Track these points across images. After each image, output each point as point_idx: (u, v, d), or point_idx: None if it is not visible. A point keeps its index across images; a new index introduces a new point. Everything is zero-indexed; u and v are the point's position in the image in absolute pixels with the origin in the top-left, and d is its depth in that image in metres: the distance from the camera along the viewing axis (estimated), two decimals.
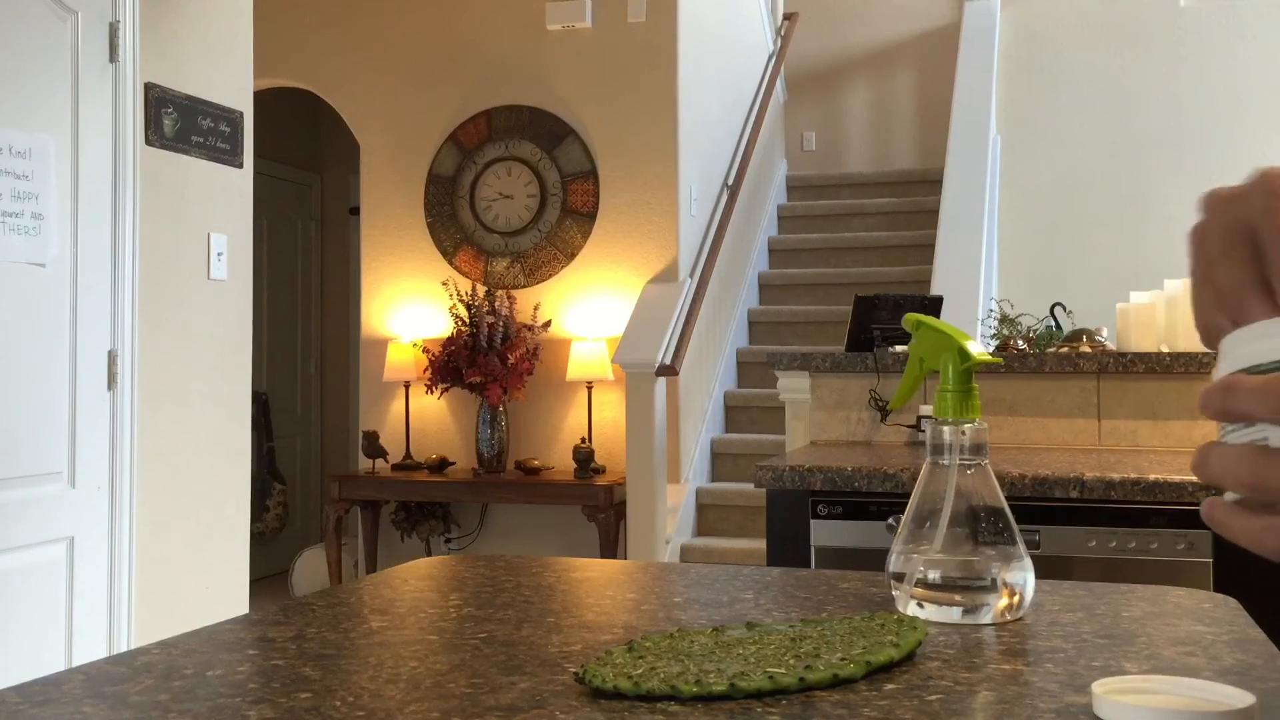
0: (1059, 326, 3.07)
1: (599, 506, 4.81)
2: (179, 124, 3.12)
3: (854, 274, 6.26)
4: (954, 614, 0.85)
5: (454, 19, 5.67)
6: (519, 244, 5.53)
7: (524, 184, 5.54)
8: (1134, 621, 0.86)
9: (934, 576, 0.86)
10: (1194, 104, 6.63)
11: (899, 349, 2.87)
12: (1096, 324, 3.10)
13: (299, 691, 0.68)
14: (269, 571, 6.15)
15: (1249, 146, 6.46)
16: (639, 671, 0.68)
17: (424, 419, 5.57)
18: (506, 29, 5.58)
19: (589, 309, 5.37)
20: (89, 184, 2.87)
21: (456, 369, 5.11)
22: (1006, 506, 0.87)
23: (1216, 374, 0.49)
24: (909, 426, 2.77)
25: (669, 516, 4.81)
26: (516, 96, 5.58)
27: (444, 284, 5.52)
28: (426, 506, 5.43)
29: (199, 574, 3.20)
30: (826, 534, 2.19)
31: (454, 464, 5.41)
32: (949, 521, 0.85)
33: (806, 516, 2.20)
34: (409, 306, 5.64)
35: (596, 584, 1.03)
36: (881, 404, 2.80)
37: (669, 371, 4.72)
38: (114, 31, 2.93)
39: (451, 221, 5.63)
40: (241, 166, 3.36)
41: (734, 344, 5.93)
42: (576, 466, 5.03)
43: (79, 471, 2.84)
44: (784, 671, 0.67)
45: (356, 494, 5.32)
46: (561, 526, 5.33)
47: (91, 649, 2.84)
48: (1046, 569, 0.97)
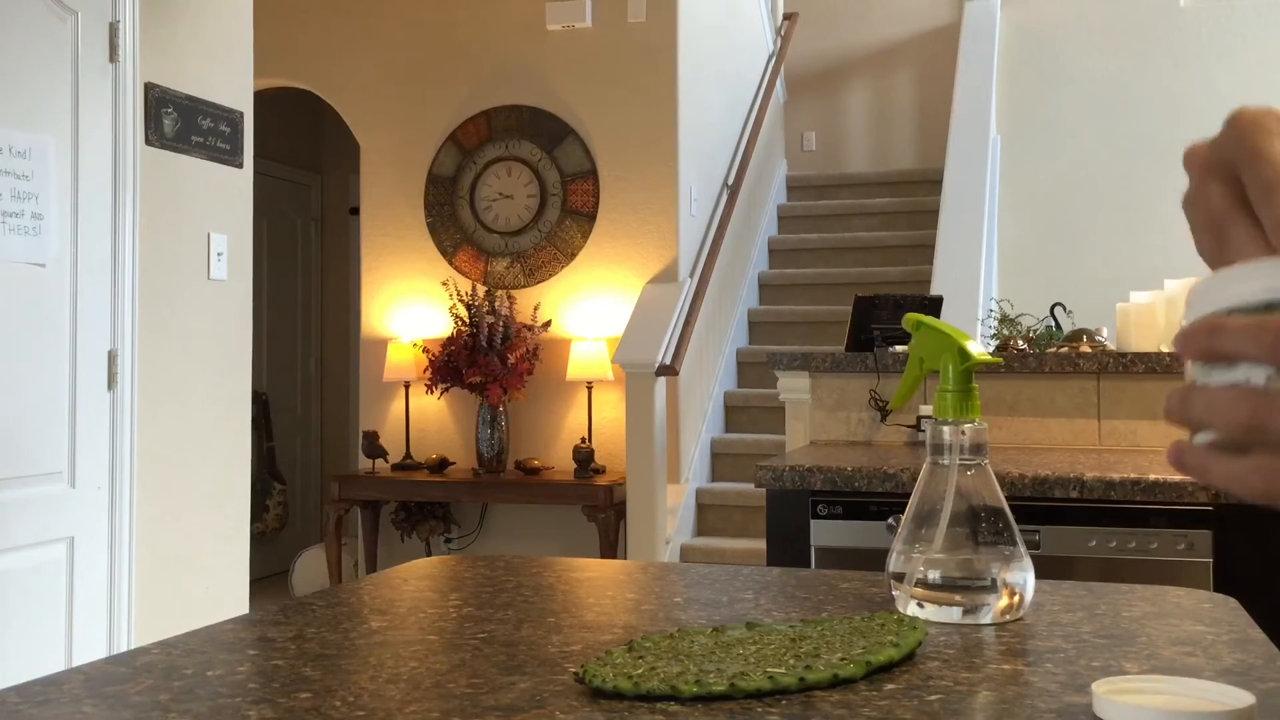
0: (1059, 326, 3.07)
1: (599, 506, 4.81)
2: (179, 124, 3.12)
3: (854, 274, 6.26)
4: (954, 614, 0.85)
5: (454, 19, 5.67)
6: (519, 244, 5.53)
7: (524, 184, 5.54)
8: (1134, 621, 0.86)
9: (934, 576, 0.86)
10: (1194, 104, 6.63)
11: (899, 349, 2.87)
12: (1096, 324, 3.10)
13: (299, 691, 0.68)
14: (269, 571, 6.15)
15: None
16: (639, 671, 0.68)
17: (424, 419, 5.57)
18: (506, 29, 5.58)
19: (589, 309, 5.37)
20: (89, 184, 2.87)
21: (456, 369, 5.11)
22: (1006, 506, 0.87)
23: (1191, 313, 0.48)
24: (909, 426, 2.77)
25: (669, 516, 4.81)
26: (516, 96, 5.57)
27: (444, 284, 5.52)
28: (426, 506, 5.43)
29: (199, 574, 3.20)
30: (826, 534, 2.19)
31: (454, 464, 5.41)
32: (949, 521, 0.85)
33: (806, 516, 2.20)
34: (409, 306, 5.64)
35: (596, 584, 1.03)
36: (881, 404, 2.80)
37: (669, 371, 4.72)
38: (114, 31, 2.93)
39: (451, 221, 5.63)
40: (241, 166, 3.36)
41: (734, 344, 5.93)
42: (576, 466, 5.03)
43: (79, 471, 2.84)
44: (784, 671, 0.67)
45: (356, 494, 5.32)
46: (561, 526, 5.33)
47: (91, 649, 2.84)
48: (1046, 569, 0.97)
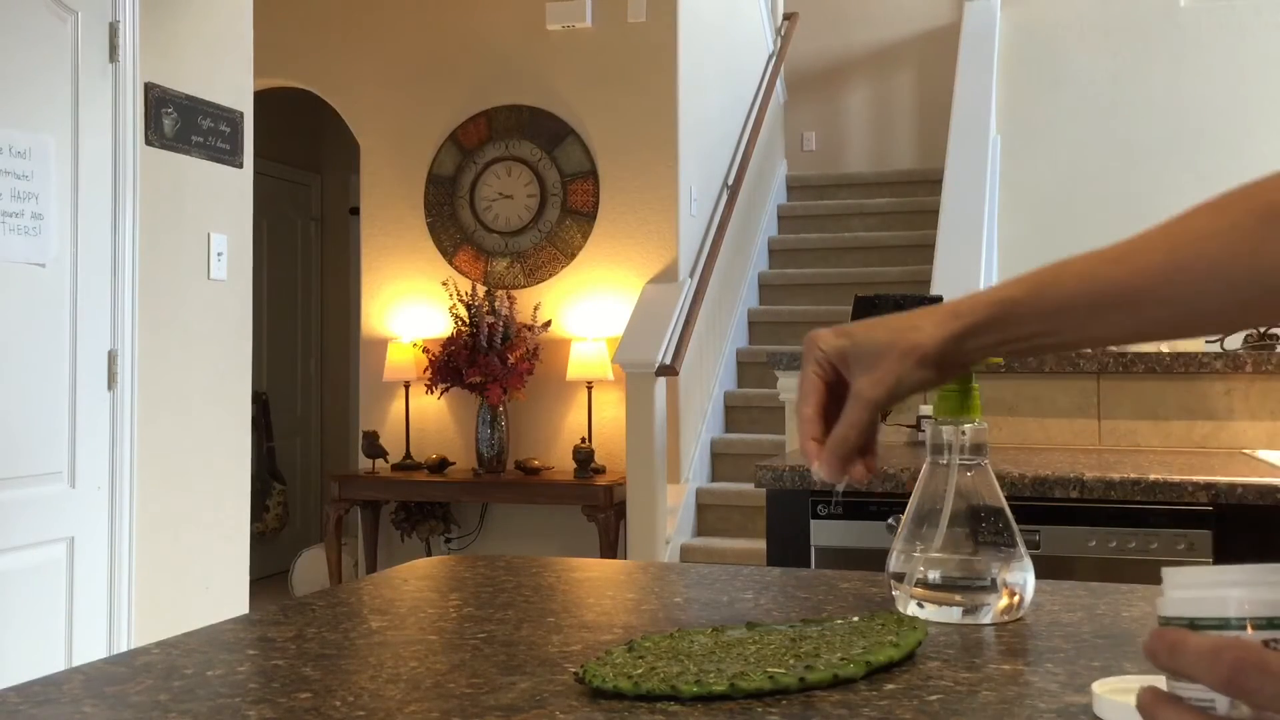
0: None
1: (599, 506, 4.81)
2: (179, 124, 3.12)
3: (854, 274, 6.26)
4: (954, 614, 0.85)
5: (454, 19, 5.67)
6: (519, 244, 5.53)
7: (524, 184, 5.54)
8: (1134, 621, 0.86)
9: (934, 576, 0.86)
10: (1194, 104, 6.63)
11: None
12: None
13: (299, 691, 0.68)
14: (269, 571, 6.15)
15: (1249, 146, 6.46)
16: (639, 671, 0.68)
17: (424, 419, 5.57)
18: (506, 29, 5.58)
19: (589, 309, 5.37)
20: (89, 184, 2.86)
21: (456, 369, 5.11)
22: (1006, 506, 0.87)
23: (1160, 603, 0.51)
24: (909, 426, 2.77)
25: (669, 516, 4.81)
26: (516, 96, 5.57)
27: (444, 284, 5.52)
28: (426, 506, 5.43)
29: (199, 574, 3.20)
30: (826, 534, 2.19)
31: (454, 464, 5.41)
32: (949, 521, 0.85)
33: (806, 516, 2.20)
34: (409, 306, 5.64)
35: (596, 584, 1.03)
36: None
37: (669, 371, 4.72)
38: (114, 31, 2.93)
39: (451, 221, 5.63)
40: (241, 166, 3.36)
41: (734, 344, 5.93)
42: (576, 466, 5.03)
43: (79, 471, 2.84)
44: (784, 671, 0.67)
45: (356, 494, 5.32)
46: (561, 526, 5.33)
47: (91, 649, 2.84)
48: (1046, 569, 0.97)
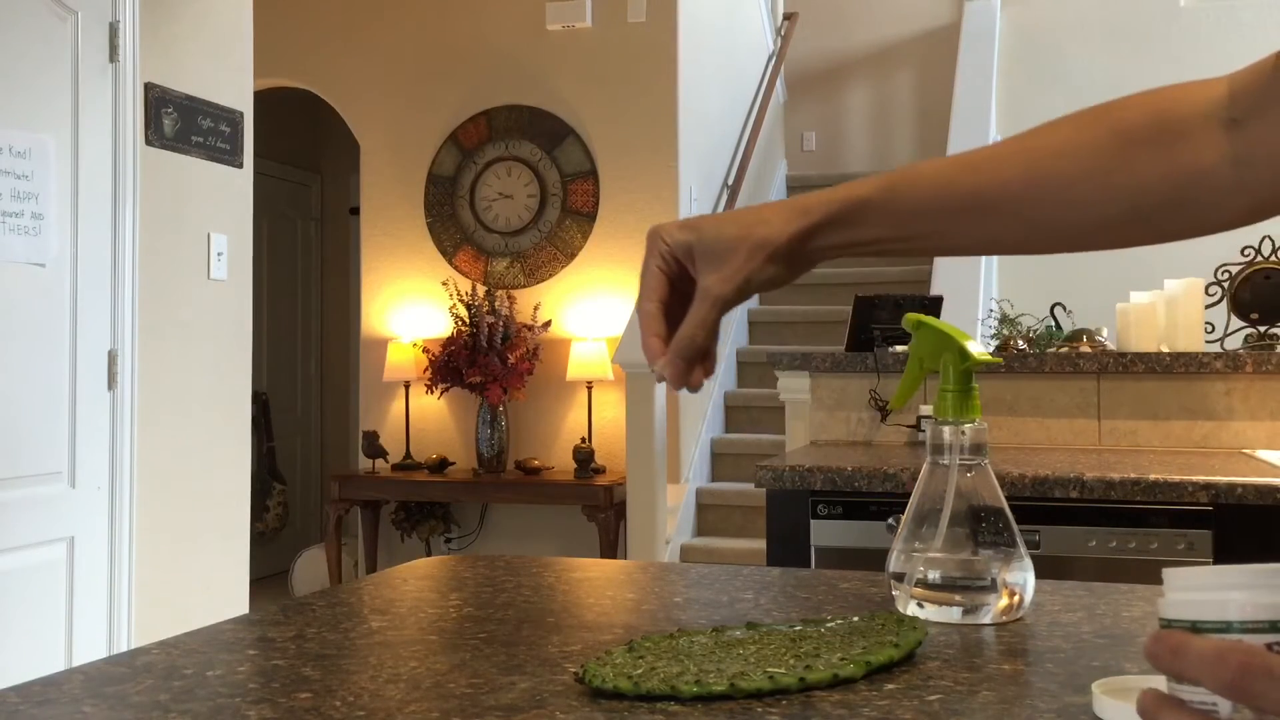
0: (1059, 326, 3.07)
1: (599, 506, 4.81)
2: (179, 124, 3.12)
3: (854, 274, 6.26)
4: (954, 614, 0.85)
5: (454, 19, 5.67)
6: (519, 244, 5.53)
7: (524, 184, 5.54)
8: (1134, 621, 0.86)
9: (934, 576, 0.86)
10: None
11: (899, 349, 2.87)
12: (1096, 324, 3.10)
13: (299, 691, 0.68)
14: (269, 571, 6.15)
15: None
16: (639, 671, 0.68)
17: (424, 419, 5.57)
18: (506, 29, 5.58)
19: (589, 309, 5.37)
20: (89, 184, 2.86)
21: (456, 369, 5.11)
22: (1007, 506, 0.87)
23: (1161, 604, 0.50)
24: (909, 426, 2.77)
25: (669, 516, 4.81)
26: (516, 96, 5.57)
27: (444, 284, 5.51)
28: (426, 506, 5.42)
29: (199, 574, 3.20)
30: (826, 534, 2.19)
31: (454, 464, 5.41)
32: (949, 521, 0.85)
33: (806, 516, 2.20)
34: (409, 306, 5.64)
35: (596, 584, 1.03)
36: (881, 404, 2.80)
37: None
38: (114, 31, 2.93)
39: (451, 221, 5.63)
40: (241, 166, 3.36)
41: (734, 344, 5.93)
42: (576, 466, 5.03)
43: (79, 471, 2.83)
44: (784, 671, 0.67)
45: (356, 494, 5.32)
46: (561, 526, 5.33)
47: (91, 649, 2.84)
48: (1046, 569, 0.97)
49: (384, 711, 0.64)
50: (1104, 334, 2.96)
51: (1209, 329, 3.00)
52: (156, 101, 3.05)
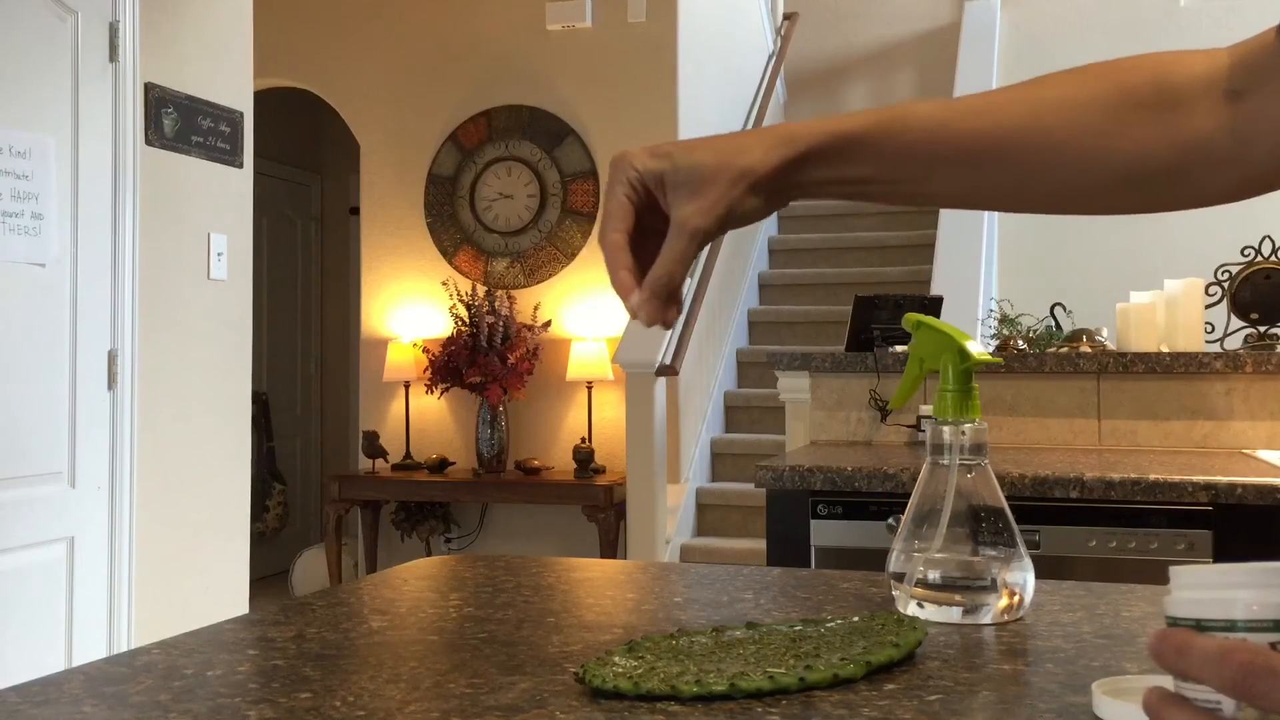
0: (1059, 326, 3.07)
1: (599, 506, 4.81)
2: (179, 124, 3.12)
3: (854, 274, 6.26)
4: (954, 614, 0.85)
5: (454, 19, 5.67)
6: (519, 244, 5.53)
7: (524, 184, 5.54)
8: (1134, 621, 0.86)
9: (934, 576, 0.86)
10: None
11: (899, 349, 2.87)
12: (1096, 324, 3.10)
13: (299, 691, 0.68)
14: (269, 571, 6.15)
15: None
16: (639, 671, 0.68)
17: (424, 419, 5.57)
18: (506, 29, 5.58)
19: (589, 309, 5.37)
20: (89, 184, 2.86)
21: (456, 369, 5.11)
22: (1007, 506, 0.87)
23: (1167, 601, 0.50)
24: (909, 426, 2.77)
25: (669, 516, 4.81)
26: (516, 96, 5.57)
27: (444, 284, 5.52)
28: (426, 506, 5.43)
29: (199, 574, 3.20)
30: (826, 534, 2.19)
31: (454, 464, 5.41)
32: (949, 521, 0.85)
33: (806, 516, 2.20)
34: (409, 306, 5.64)
35: (596, 584, 1.03)
36: (881, 404, 2.80)
37: (669, 371, 4.72)
38: (114, 31, 2.93)
39: (451, 221, 5.63)
40: (241, 166, 3.36)
41: (734, 344, 5.93)
42: (576, 466, 5.03)
43: (79, 471, 2.83)
44: (784, 671, 0.67)
45: (356, 494, 5.32)
46: (561, 526, 5.33)
47: (91, 649, 2.84)
48: (1046, 569, 0.97)
49: (384, 711, 0.64)
50: (1104, 334, 2.96)
51: (1209, 329, 3.00)
52: (156, 101, 3.05)
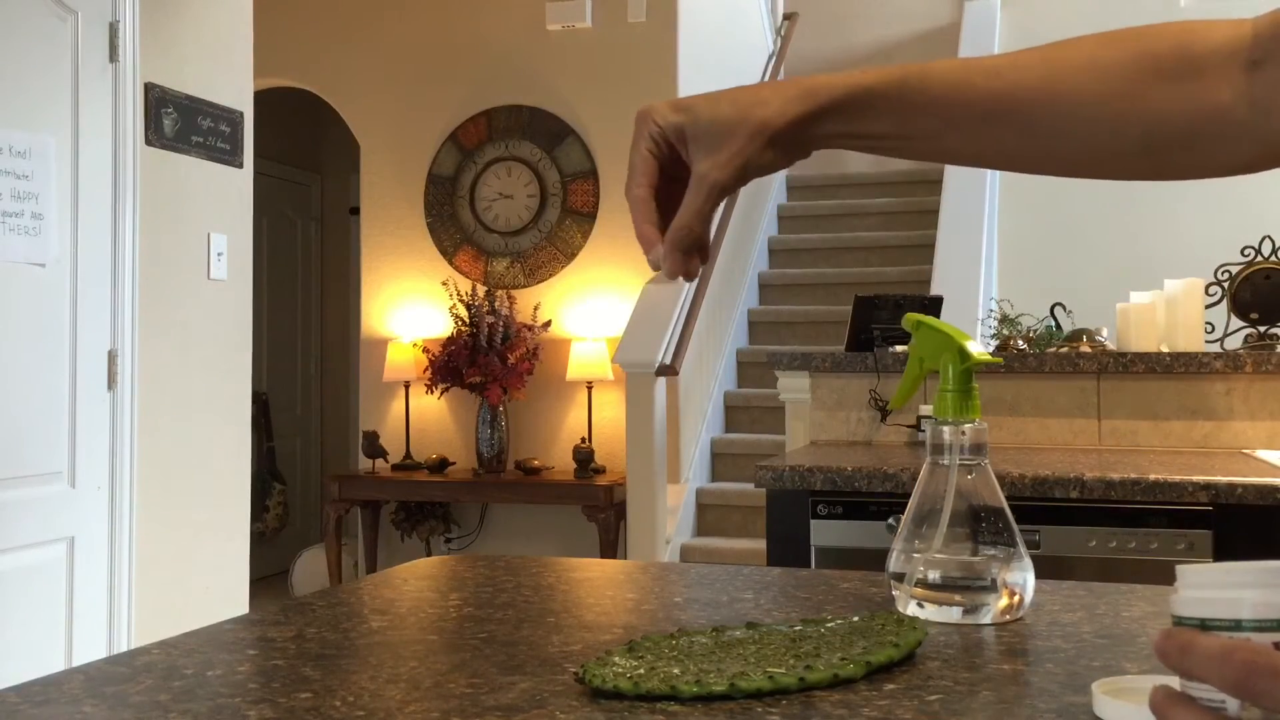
0: (1059, 326, 3.07)
1: (599, 506, 4.81)
2: (179, 124, 3.12)
3: (854, 274, 6.26)
4: (954, 614, 0.85)
5: (454, 19, 5.67)
6: (519, 244, 5.53)
7: (524, 184, 5.54)
8: (1134, 621, 0.86)
9: (934, 576, 0.86)
10: None
11: (899, 349, 2.87)
12: (1096, 324, 3.10)
13: (299, 691, 0.68)
14: (269, 571, 6.15)
15: None
16: (639, 672, 0.68)
17: (424, 419, 5.57)
18: (506, 29, 5.58)
19: (589, 309, 5.37)
20: (89, 184, 2.86)
21: (456, 369, 5.11)
22: (1007, 506, 0.87)
23: (1174, 599, 0.50)
24: (909, 426, 2.77)
25: (669, 516, 4.81)
26: (516, 96, 5.57)
27: (444, 284, 5.52)
28: (426, 506, 5.43)
29: (199, 574, 3.20)
30: (826, 534, 2.19)
31: (454, 464, 5.41)
32: (949, 521, 0.85)
33: (806, 516, 2.20)
34: (409, 306, 5.64)
35: (596, 584, 1.03)
36: (881, 404, 2.80)
37: (669, 371, 4.72)
38: (114, 31, 2.93)
39: (451, 221, 5.63)
40: (241, 167, 3.36)
41: (734, 344, 5.93)
42: (576, 466, 5.03)
43: (79, 471, 2.83)
44: (784, 671, 0.67)
45: (356, 494, 5.32)
46: (561, 526, 5.33)
47: (91, 649, 2.84)
48: (1046, 569, 0.97)
49: (384, 711, 0.64)
50: (1104, 334, 2.96)
51: (1209, 329, 3.00)
52: (156, 101, 3.05)
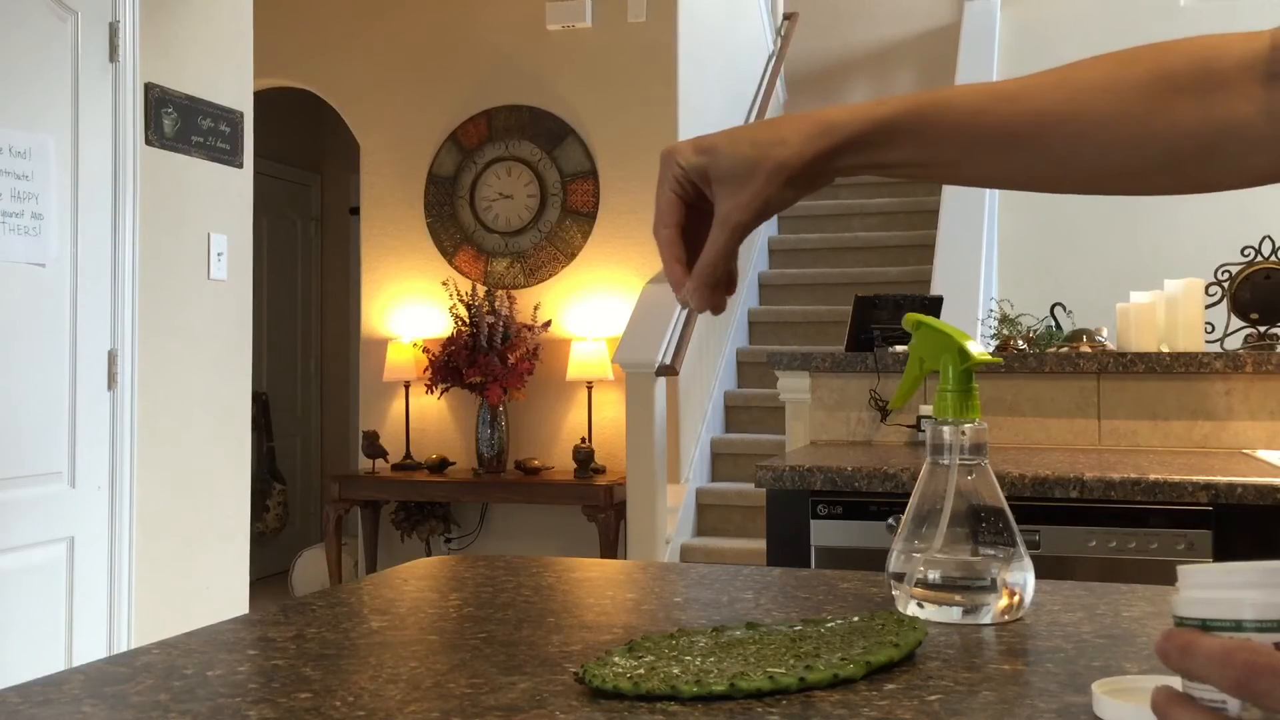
0: (1059, 326, 3.07)
1: (599, 506, 4.81)
2: (179, 124, 3.12)
3: (854, 274, 6.26)
4: (954, 614, 0.85)
5: (454, 19, 5.67)
6: (519, 244, 5.53)
7: (524, 184, 5.54)
8: (1134, 621, 0.86)
9: (934, 576, 0.86)
10: None
11: (899, 349, 2.87)
12: (1096, 324, 3.10)
13: (299, 691, 0.68)
14: (269, 571, 6.15)
15: None
16: (639, 671, 0.68)
17: (424, 419, 5.57)
18: (506, 29, 5.58)
19: (589, 309, 5.37)
20: (89, 184, 2.86)
21: (456, 369, 5.11)
22: (1007, 506, 0.87)
23: (1175, 599, 0.50)
24: (909, 426, 2.77)
25: (669, 516, 4.81)
26: (516, 96, 5.57)
27: (444, 284, 5.52)
28: (426, 506, 5.43)
29: (199, 574, 3.20)
30: (826, 534, 2.19)
31: (454, 464, 5.41)
32: (949, 521, 0.85)
33: (806, 516, 2.20)
34: (409, 306, 5.64)
35: (596, 584, 1.03)
36: (881, 404, 2.80)
37: (669, 371, 4.72)
38: (114, 31, 2.93)
39: (451, 221, 5.63)
40: (241, 167, 3.36)
41: (734, 344, 5.93)
42: (576, 466, 5.03)
43: (79, 471, 2.83)
44: (784, 671, 0.67)
45: (356, 494, 5.32)
46: (561, 526, 5.33)
47: (91, 649, 2.84)
48: (1046, 569, 0.97)
49: (384, 711, 0.64)
50: (1104, 334, 2.96)
51: (1209, 329, 3.00)
52: (156, 101, 3.05)
